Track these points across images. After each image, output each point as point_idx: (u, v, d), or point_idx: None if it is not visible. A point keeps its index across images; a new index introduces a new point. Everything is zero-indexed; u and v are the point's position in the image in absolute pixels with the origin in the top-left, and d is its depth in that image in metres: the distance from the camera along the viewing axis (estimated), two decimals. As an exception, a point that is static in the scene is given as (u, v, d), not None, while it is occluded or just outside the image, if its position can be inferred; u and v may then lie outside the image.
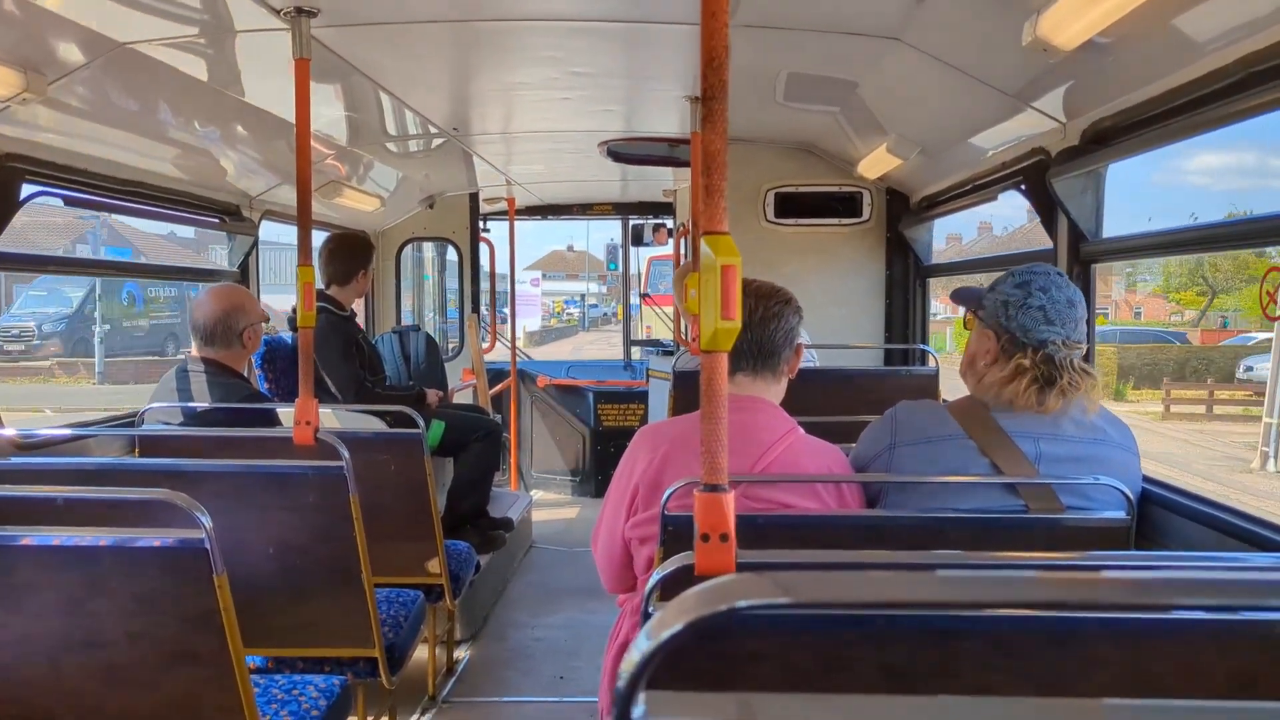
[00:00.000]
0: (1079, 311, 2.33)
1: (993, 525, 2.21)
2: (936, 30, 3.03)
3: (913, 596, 0.85)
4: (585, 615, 5.48)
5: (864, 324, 5.63)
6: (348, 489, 2.99)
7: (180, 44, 3.19)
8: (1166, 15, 2.30)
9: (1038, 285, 2.32)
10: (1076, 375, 2.28)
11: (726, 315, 1.38)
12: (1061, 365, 2.28)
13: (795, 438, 2.37)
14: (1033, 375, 2.28)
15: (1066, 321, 2.30)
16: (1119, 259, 5.29)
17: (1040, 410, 2.27)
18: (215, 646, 2.11)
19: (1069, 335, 2.29)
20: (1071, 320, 2.30)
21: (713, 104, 1.41)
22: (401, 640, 3.46)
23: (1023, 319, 2.31)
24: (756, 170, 5.57)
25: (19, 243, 14.84)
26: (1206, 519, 2.35)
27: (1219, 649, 1.37)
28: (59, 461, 3.32)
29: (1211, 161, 78.28)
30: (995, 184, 3.92)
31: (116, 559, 2.08)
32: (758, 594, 0.81)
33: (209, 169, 4.56)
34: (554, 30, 3.39)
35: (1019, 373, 2.29)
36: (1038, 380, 2.27)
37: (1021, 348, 2.31)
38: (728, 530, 1.43)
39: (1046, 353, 2.28)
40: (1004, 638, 1.38)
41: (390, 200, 6.70)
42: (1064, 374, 2.27)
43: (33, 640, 2.13)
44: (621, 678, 0.81)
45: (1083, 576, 0.93)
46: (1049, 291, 2.31)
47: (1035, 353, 2.29)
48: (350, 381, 4.82)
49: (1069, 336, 2.29)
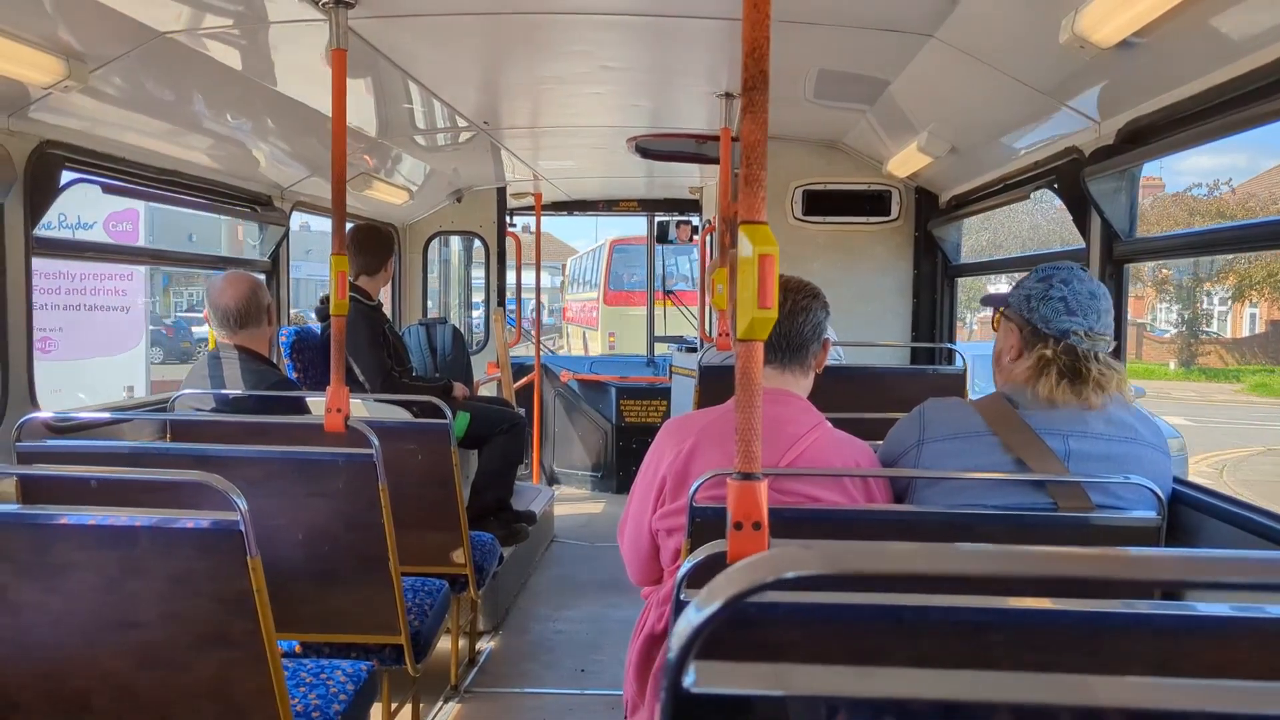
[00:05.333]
0: (1103, 304, 2.32)
1: (1021, 522, 2.21)
2: (971, 27, 3.02)
3: (959, 569, 0.86)
4: (606, 609, 5.50)
5: (891, 322, 5.61)
6: (377, 477, 3.01)
7: (218, 34, 3.22)
8: (1205, 14, 2.28)
9: (1059, 278, 2.33)
10: (1106, 369, 2.27)
11: (763, 304, 1.38)
12: (1085, 356, 2.27)
13: (823, 431, 2.37)
14: (1058, 367, 2.28)
15: (1089, 312, 2.29)
16: (1152, 259, 5.26)
17: (1082, 404, 2.27)
18: (248, 629, 2.13)
19: (1091, 326, 2.29)
20: (1094, 311, 2.30)
21: (753, 94, 1.41)
22: (426, 628, 3.49)
23: (1044, 310, 2.32)
24: (785, 167, 5.56)
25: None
26: (1239, 520, 2.33)
27: (1250, 646, 1.36)
28: (92, 444, 3.36)
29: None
30: (1027, 183, 3.90)
31: (153, 540, 2.10)
32: (804, 565, 0.82)
33: (242, 159, 4.61)
34: (586, 24, 3.40)
35: (1043, 364, 2.30)
36: (1065, 373, 2.27)
37: (1043, 338, 2.31)
38: (760, 519, 1.44)
39: (1069, 343, 2.28)
40: (1034, 632, 1.38)
41: (419, 193, 6.73)
42: (1090, 365, 2.27)
43: (69, 620, 2.15)
44: (672, 649, 0.82)
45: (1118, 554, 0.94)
46: (1070, 284, 2.32)
47: (1057, 343, 2.29)
48: (377, 370, 4.85)
49: (1091, 328, 2.29)
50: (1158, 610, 1.40)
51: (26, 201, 3.22)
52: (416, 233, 7.47)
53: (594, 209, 9.14)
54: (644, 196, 8.88)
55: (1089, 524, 2.21)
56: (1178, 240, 3.19)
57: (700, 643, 0.82)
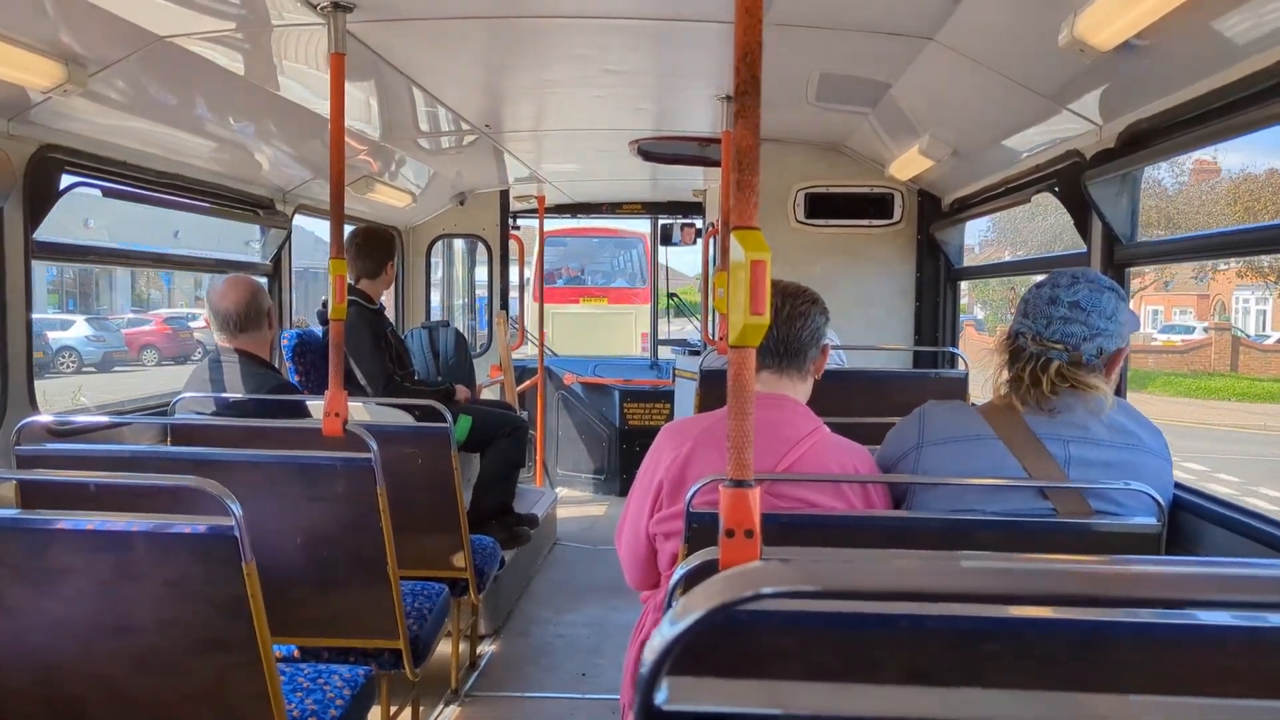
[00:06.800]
0: (1060, 310, 2.27)
1: (1021, 528, 2.19)
2: (972, 30, 3.01)
3: (940, 587, 0.85)
4: (608, 613, 5.49)
5: (893, 326, 5.60)
6: (375, 481, 3.01)
7: (218, 38, 3.23)
8: (1206, 16, 2.27)
9: (1049, 282, 2.32)
10: (1053, 378, 2.23)
11: (755, 310, 1.37)
12: (1027, 360, 2.27)
13: (821, 436, 2.36)
14: (1000, 361, 2.33)
15: (1038, 317, 2.28)
16: (1154, 263, 5.24)
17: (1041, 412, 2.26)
18: (243, 634, 2.13)
19: (1039, 331, 2.27)
20: (1044, 317, 2.27)
21: (745, 99, 1.40)
22: (426, 633, 3.48)
23: (1016, 313, 2.35)
24: (787, 170, 5.56)
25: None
26: (1240, 526, 2.32)
27: (1250, 656, 1.35)
28: (92, 448, 3.36)
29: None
30: (1028, 186, 3.89)
31: (149, 545, 2.10)
32: (783, 581, 0.81)
33: (244, 163, 4.61)
34: (588, 28, 3.40)
35: (1001, 366, 2.34)
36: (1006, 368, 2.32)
37: (1007, 339, 2.36)
38: (752, 526, 1.42)
39: (1017, 345, 2.31)
40: (1030, 641, 1.36)
41: (421, 196, 6.74)
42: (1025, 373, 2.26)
43: (65, 624, 2.15)
44: (645, 664, 0.81)
45: (1112, 570, 0.92)
46: (1041, 287, 2.32)
47: (1010, 341, 2.33)
48: (379, 374, 4.85)
49: (1039, 333, 2.27)
50: (1158, 620, 1.39)
51: (26, 205, 3.23)
52: (420, 236, 7.47)
53: (598, 212, 9.15)
54: (648, 199, 8.88)
55: (1089, 530, 2.20)
56: (1178, 244, 3.18)
57: (675, 656, 0.81)
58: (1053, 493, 2.22)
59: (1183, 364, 31.63)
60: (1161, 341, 34.28)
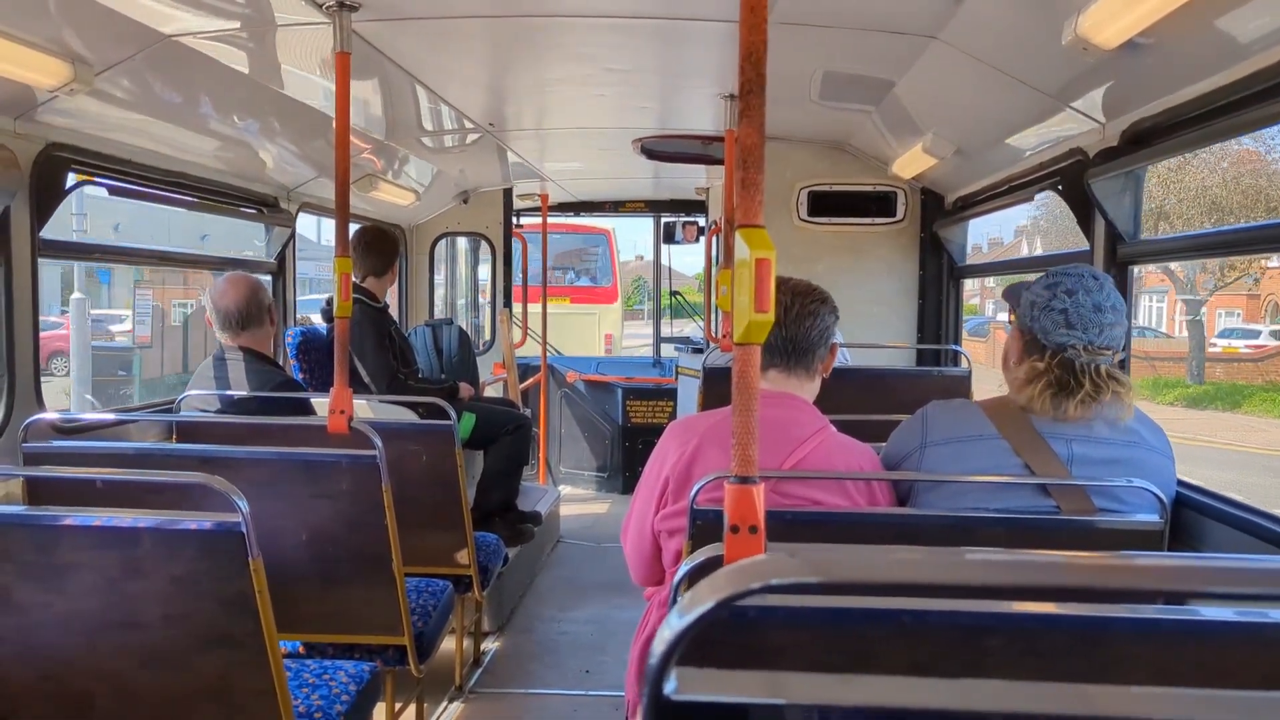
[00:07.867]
0: (1108, 316, 2.26)
1: (1024, 526, 2.20)
2: (975, 29, 3.01)
3: (944, 580, 0.86)
4: (612, 610, 5.50)
5: (896, 324, 5.61)
6: (380, 478, 3.02)
7: (223, 37, 3.24)
8: (1209, 15, 2.27)
9: (1064, 288, 2.28)
10: (1102, 382, 2.24)
11: (760, 308, 1.38)
12: (1081, 371, 2.24)
13: (827, 435, 2.37)
14: (1047, 380, 2.25)
15: (1090, 327, 2.24)
16: (1157, 261, 5.24)
17: (1058, 417, 2.25)
18: (250, 630, 2.14)
19: (1091, 341, 2.25)
20: (1096, 325, 2.25)
21: (750, 98, 1.41)
22: (430, 629, 3.49)
23: (1044, 320, 2.28)
24: (790, 169, 5.56)
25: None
26: (1242, 523, 2.33)
27: (1251, 651, 1.35)
28: (98, 445, 3.38)
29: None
30: (1031, 185, 3.89)
31: (155, 541, 2.11)
32: (790, 572, 0.82)
33: (248, 161, 4.62)
34: (591, 26, 3.41)
35: (1034, 375, 2.27)
36: (1052, 385, 2.24)
37: (1040, 350, 2.29)
38: (757, 522, 1.43)
39: (1065, 357, 2.25)
40: (1033, 636, 1.37)
41: (425, 195, 6.75)
42: (1084, 381, 2.23)
43: (71, 620, 2.17)
44: (654, 654, 0.82)
45: (1115, 563, 0.93)
46: (1075, 295, 2.26)
47: (1053, 357, 2.26)
48: (384, 372, 4.86)
49: (1091, 342, 2.25)
50: (1160, 615, 1.39)
51: (33, 204, 3.24)
52: (423, 234, 7.48)
53: (601, 210, 9.16)
54: (651, 197, 8.89)
55: (1091, 527, 2.21)
56: (1181, 242, 3.18)
57: (683, 648, 0.82)
58: (1056, 490, 2.23)
59: (1257, 374, 25.72)
60: (1222, 348, 28.71)
